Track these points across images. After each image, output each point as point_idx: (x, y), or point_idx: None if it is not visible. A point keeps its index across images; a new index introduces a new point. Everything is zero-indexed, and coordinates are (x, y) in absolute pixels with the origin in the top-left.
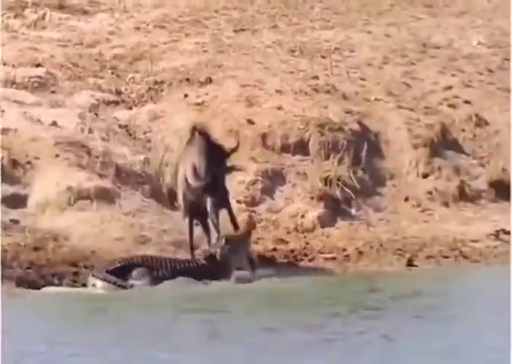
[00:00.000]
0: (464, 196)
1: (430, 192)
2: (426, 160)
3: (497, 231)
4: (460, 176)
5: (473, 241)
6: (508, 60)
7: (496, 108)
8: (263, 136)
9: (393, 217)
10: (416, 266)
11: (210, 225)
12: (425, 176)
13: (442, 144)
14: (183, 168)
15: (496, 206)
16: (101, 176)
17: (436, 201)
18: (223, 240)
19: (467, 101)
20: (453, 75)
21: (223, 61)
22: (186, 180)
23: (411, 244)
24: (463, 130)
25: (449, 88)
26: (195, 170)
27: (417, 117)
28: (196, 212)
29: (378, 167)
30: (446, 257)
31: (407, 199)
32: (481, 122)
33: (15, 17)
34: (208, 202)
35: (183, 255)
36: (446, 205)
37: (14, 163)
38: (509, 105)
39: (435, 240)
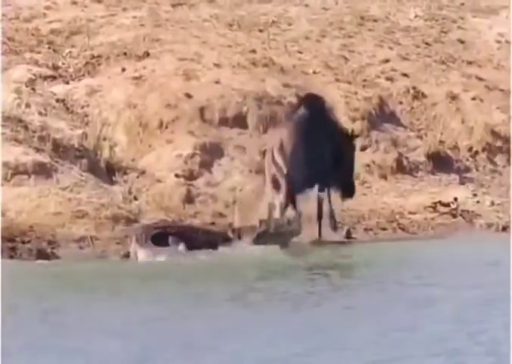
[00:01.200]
0: (402, 168)
1: (368, 165)
2: (364, 133)
3: (435, 203)
4: (398, 148)
5: (411, 213)
6: (445, 32)
7: (433, 81)
8: (201, 110)
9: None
10: (355, 238)
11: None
12: (363, 149)
13: (380, 117)
14: (271, 142)
15: (434, 178)
16: (38, 150)
17: (374, 174)
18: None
19: (405, 74)
20: (390, 48)
21: (161, 35)
22: (273, 155)
23: (349, 216)
24: (401, 103)
25: (386, 61)
26: (281, 146)
27: (355, 90)
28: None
29: None
30: (384, 229)
31: None
32: (418, 95)
33: None
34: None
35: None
36: (384, 177)
37: None
38: (446, 78)
39: (373, 212)
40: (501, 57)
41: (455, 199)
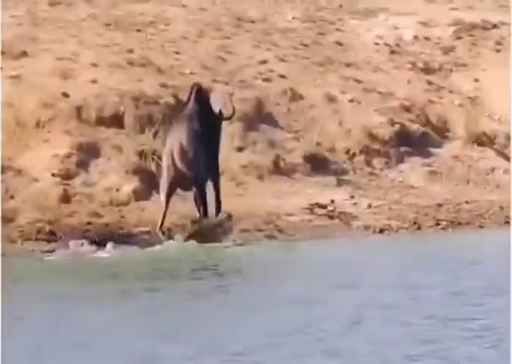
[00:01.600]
0: (279, 170)
1: (245, 166)
2: (241, 134)
3: (312, 205)
4: (275, 150)
5: (288, 215)
6: (323, 34)
7: (311, 83)
8: (78, 110)
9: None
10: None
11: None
12: (239, 150)
13: (257, 118)
14: (170, 143)
15: (311, 180)
16: None
17: (251, 174)
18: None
19: (282, 76)
20: (268, 49)
21: (38, 34)
22: (172, 158)
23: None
24: (278, 104)
25: (264, 62)
26: (181, 149)
27: (232, 91)
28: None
29: None
30: (261, 230)
31: (222, 173)
32: (296, 96)
33: None
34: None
35: None
36: (261, 178)
37: None
38: (324, 80)
39: (251, 213)
40: (380, 59)
41: (332, 201)
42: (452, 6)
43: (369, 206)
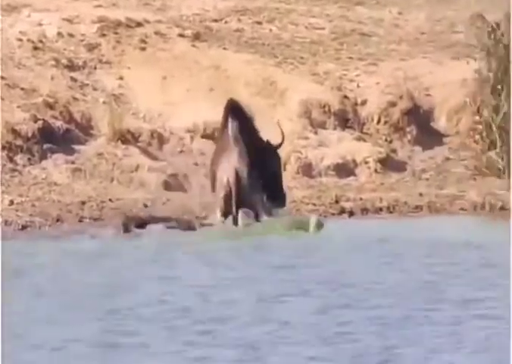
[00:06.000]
0: None
1: None
2: None
3: None
4: None
5: None
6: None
7: None
8: None
9: None
10: None
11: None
12: None
13: None
14: (222, 172)
15: None
16: None
17: None
18: None
19: None
20: None
21: None
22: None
23: None
24: None
25: None
26: (237, 174)
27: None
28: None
29: None
30: None
31: None
32: None
33: None
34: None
35: None
36: None
37: None
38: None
39: None
40: (23, 55)
41: None
42: (96, 3)
43: (12, 203)
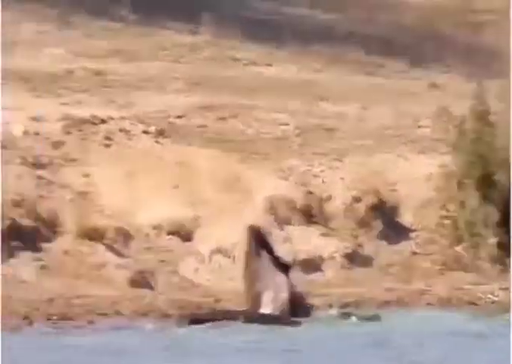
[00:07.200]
0: None
1: None
2: None
3: None
4: None
5: None
6: None
7: None
8: None
9: None
10: None
11: None
12: None
13: None
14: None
15: None
16: None
17: None
18: None
19: None
20: None
21: None
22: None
23: None
24: None
25: None
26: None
27: None
28: None
29: None
30: None
31: None
32: None
33: None
34: None
35: None
36: None
37: None
38: None
39: None
40: None
41: None
42: (62, 101)
43: None
